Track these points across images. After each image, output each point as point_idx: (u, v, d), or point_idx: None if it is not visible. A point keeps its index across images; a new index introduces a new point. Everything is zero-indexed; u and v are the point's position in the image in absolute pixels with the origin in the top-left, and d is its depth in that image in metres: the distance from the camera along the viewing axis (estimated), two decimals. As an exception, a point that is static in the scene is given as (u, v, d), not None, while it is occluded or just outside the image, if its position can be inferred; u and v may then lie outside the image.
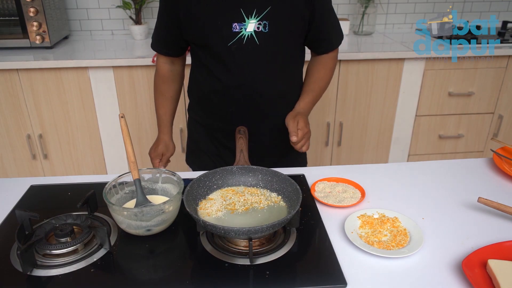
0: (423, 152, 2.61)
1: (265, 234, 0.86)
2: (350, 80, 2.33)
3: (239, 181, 1.04)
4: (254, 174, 1.04)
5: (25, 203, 1.07)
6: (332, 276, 0.81)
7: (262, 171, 1.03)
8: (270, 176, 1.02)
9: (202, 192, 1.00)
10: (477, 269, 0.80)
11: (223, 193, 1.01)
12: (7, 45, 2.26)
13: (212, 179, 1.02)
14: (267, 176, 1.03)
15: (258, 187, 1.03)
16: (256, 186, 1.04)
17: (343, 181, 1.12)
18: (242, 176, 1.04)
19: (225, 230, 0.82)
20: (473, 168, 1.24)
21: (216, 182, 1.03)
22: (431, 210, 1.03)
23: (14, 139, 2.26)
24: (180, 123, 2.28)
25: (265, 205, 0.97)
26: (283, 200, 0.99)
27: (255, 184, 1.04)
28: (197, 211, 0.95)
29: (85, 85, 2.17)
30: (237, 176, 1.04)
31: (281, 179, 1.00)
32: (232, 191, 1.02)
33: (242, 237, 0.85)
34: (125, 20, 2.67)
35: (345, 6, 2.76)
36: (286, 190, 0.99)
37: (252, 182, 1.04)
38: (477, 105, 2.51)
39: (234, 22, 1.14)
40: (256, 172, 1.04)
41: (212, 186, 1.02)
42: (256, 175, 1.04)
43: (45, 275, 0.82)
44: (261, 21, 1.14)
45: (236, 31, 1.15)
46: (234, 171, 1.04)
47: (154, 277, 0.83)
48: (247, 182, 1.04)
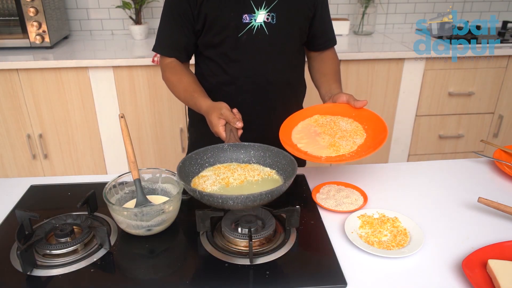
0: (423, 152, 2.61)
1: (263, 202, 0.84)
2: (350, 80, 2.33)
3: (231, 158, 1.03)
4: (246, 151, 1.03)
5: (25, 203, 1.07)
6: (332, 276, 0.81)
7: (254, 147, 1.02)
8: (263, 152, 1.02)
9: (194, 169, 0.99)
10: (477, 269, 0.80)
11: (216, 170, 1.00)
12: (7, 45, 2.26)
13: (203, 157, 1.01)
14: (259, 152, 1.02)
15: (251, 163, 1.03)
16: (249, 162, 1.03)
17: (351, 186, 1.12)
18: (234, 153, 1.03)
19: (222, 199, 0.80)
20: (473, 168, 1.24)
21: (208, 160, 1.01)
22: (431, 210, 1.03)
23: (14, 139, 2.26)
24: (180, 123, 2.28)
25: (259, 178, 0.97)
26: (277, 173, 0.99)
27: (248, 160, 1.03)
28: None
29: (85, 85, 2.17)
30: (228, 153, 1.03)
31: (274, 153, 1.00)
32: (224, 168, 1.01)
33: (240, 205, 0.83)
34: (125, 20, 2.67)
35: (345, 6, 2.76)
36: (280, 163, 0.98)
37: (244, 159, 1.03)
38: (477, 105, 2.51)
39: (245, 14, 1.18)
40: (248, 149, 1.03)
41: (203, 164, 1.01)
42: (248, 151, 1.03)
43: (45, 275, 0.82)
44: (270, 13, 1.19)
45: (247, 22, 1.19)
46: (225, 148, 1.03)
47: (154, 277, 0.83)
48: (239, 159, 1.03)
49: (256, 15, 1.18)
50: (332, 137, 1.08)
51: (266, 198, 0.83)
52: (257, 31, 1.20)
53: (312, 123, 1.15)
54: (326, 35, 1.35)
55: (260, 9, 1.18)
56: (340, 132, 1.09)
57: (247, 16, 1.18)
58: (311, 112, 1.19)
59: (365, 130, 1.10)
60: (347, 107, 1.15)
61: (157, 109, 2.26)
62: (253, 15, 1.18)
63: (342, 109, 1.16)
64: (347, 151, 1.03)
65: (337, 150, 1.03)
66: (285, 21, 1.21)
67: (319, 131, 1.11)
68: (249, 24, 1.19)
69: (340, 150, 1.03)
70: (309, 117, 1.18)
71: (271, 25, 1.20)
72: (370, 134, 1.08)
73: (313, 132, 1.12)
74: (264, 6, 1.18)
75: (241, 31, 1.19)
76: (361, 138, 1.07)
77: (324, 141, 1.07)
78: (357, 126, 1.11)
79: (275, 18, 1.19)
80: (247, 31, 1.19)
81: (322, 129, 1.12)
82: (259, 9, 1.18)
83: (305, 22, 1.26)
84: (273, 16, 1.19)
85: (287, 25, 1.22)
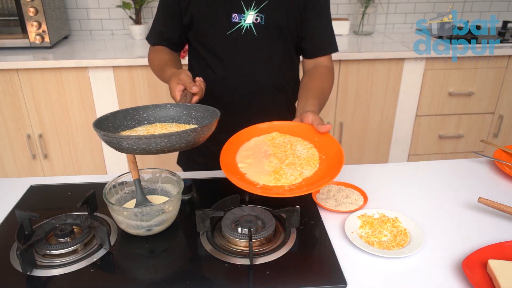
0: (423, 152, 2.61)
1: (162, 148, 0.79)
2: (350, 80, 2.33)
3: (173, 118, 1.00)
4: (188, 112, 0.99)
5: (25, 203, 1.07)
6: (332, 276, 0.81)
7: (195, 107, 0.99)
8: (202, 112, 0.98)
9: (129, 124, 0.97)
10: (477, 269, 0.80)
11: (151, 127, 0.97)
12: (7, 45, 2.26)
13: (143, 114, 0.98)
14: (199, 113, 0.98)
15: (190, 124, 0.99)
16: (189, 123, 0.99)
17: (351, 186, 1.11)
18: (176, 113, 1.00)
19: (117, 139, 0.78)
20: (473, 168, 1.23)
21: (148, 118, 0.99)
22: (431, 210, 1.03)
23: (14, 139, 2.26)
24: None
25: None
26: None
27: (188, 121, 0.99)
28: None
29: (85, 85, 2.17)
30: (171, 113, 1.00)
31: (211, 113, 0.95)
32: (161, 126, 0.97)
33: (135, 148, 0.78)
34: (125, 20, 2.67)
35: (345, 6, 2.76)
36: (213, 117, 0.94)
37: (185, 120, 0.99)
38: (477, 105, 2.51)
39: (234, 13, 1.18)
40: (190, 110, 0.99)
41: (142, 121, 0.98)
42: (190, 112, 0.99)
43: (45, 275, 0.82)
44: (259, 13, 1.18)
45: (236, 21, 1.18)
46: (168, 108, 1.00)
47: (154, 277, 0.83)
48: (180, 119, 0.99)
49: (245, 15, 1.18)
50: (281, 162, 0.96)
51: (162, 142, 0.77)
52: (246, 31, 1.19)
53: (267, 141, 1.03)
54: (316, 41, 1.28)
55: (250, 9, 1.17)
56: (292, 158, 0.97)
57: (237, 16, 1.18)
58: (271, 128, 1.06)
59: (321, 160, 0.96)
60: (311, 130, 1.02)
61: (157, 109, 2.26)
62: (242, 15, 1.18)
63: (305, 130, 1.03)
64: (288, 182, 0.90)
65: (278, 179, 0.91)
66: (273, 22, 1.19)
67: (270, 152, 0.99)
68: (238, 23, 1.18)
69: (281, 180, 0.91)
70: (267, 133, 1.06)
71: (260, 26, 1.19)
72: (324, 167, 0.94)
73: (264, 152, 1.00)
74: (254, 7, 1.17)
75: (230, 29, 1.19)
76: (311, 170, 0.93)
77: (270, 166, 0.95)
78: (313, 154, 0.98)
79: (263, 19, 1.18)
80: (236, 30, 1.19)
81: (274, 150, 1.00)
82: (249, 10, 1.17)
83: (295, 24, 1.23)
84: (262, 17, 1.18)
85: (276, 27, 1.20)
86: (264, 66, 1.25)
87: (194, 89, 1.03)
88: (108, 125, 0.91)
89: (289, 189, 0.88)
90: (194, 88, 1.03)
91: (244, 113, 1.27)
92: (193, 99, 1.05)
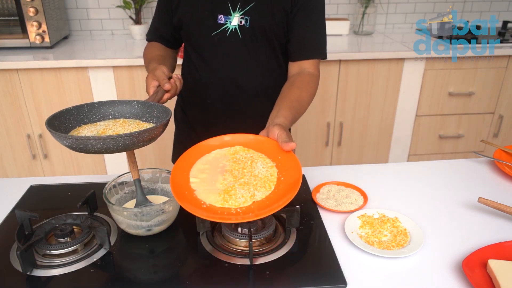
0: (423, 152, 2.61)
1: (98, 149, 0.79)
2: (350, 80, 2.33)
3: (136, 115, 0.99)
4: (151, 110, 0.98)
5: (25, 203, 1.07)
6: (332, 276, 0.81)
7: (158, 107, 0.97)
8: (162, 112, 0.96)
9: (93, 118, 0.97)
10: (478, 269, 0.80)
11: (112, 123, 0.96)
12: (7, 45, 2.26)
13: (108, 109, 0.99)
14: (160, 113, 0.97)
15: (151, 122, 0.97)
16: (150, 122, 0.97)
17: (351, 186, 1.11)
18: (141, 111, 0.99)
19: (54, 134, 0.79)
20: (473, 168, 1.24)
21: (113, 113, 0.99)
22: (431, 210, 1.03)
23: (14, 139, 2.26)
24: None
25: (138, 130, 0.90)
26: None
27: (149, 120, 0.98)
28: (72, 129, 0.93)
29: (85, 85, 2.17)
30: (135, 110, 0.99)
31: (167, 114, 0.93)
32: (123, 122, 0.97)
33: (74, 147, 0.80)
34: (125, 20, 2.67)
35: (345, 6, 2.76)
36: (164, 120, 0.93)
37: (147, 118, 0.98)
38: (477, 105, 2.51)
39: (220, 14, 1.17)
40: (153, 109, 0.98)
41: (107, 115, 0.99)
42: (152, 111, 0.98)
43: (45, 275, 0.82)
44: (244, 16, 1.17)
45: (221, 23, 1.18)
46: (134, 105, 1.00)
47: (154, 277, 0.83)
48: (143, 117, 0.99)
49: (232, 17, 1.17)
50: (235, 181, 0.89)
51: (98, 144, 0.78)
52: (231, 33, 1.18)
53: (228, 155, 0.97)
54: (300, 44, 1.23)
55: (236, 11, 1.16)
56: (248, 177, 0.90)
57: (223, 17, 1.17)
58: (236, 141, 1.00)
59: (278, 182, 0.89)
60: (276, 146, 0.94)
61: (157, 109, 2.26)
62: (229, 17, 1.17)
63: (270, 147, 0.95)
64: (236, 205, 0.84)
65: (226, 200, 0.85)
66: (258, 25, 1.18)
67: (227, 168, 0.93)
68: (224, 25, 1.18)
69: (229, 201, 0.85)
70: (231, 146, 0.99)
71: (245, 28, 1.18)
72: (279, 190, 0.87)
73: (221, 167, 0.94)
74: (239, 9, 1.16)
75: (215, 30, 1.19)
76: (264, 193, 0.86)
77: (223, 183, 0.89)
78: (271, 175, 0.90)
79: (249, 22, 1.17)
80: (221, 31, 1.18)
81: (232, 166, 0.93)
82: (235, 11, 1.16)
83: (281, 27, 1.19)
84: (247, 19, 1.17)
85: (261, 30, 1.19)
86: (247, 69, 1.24)
87: (167, 86, 1.03)
88: (70, 118, 0.93)
89: (235, 213, 0.82)
90: (166, 85, 1.03)
91: (226, 115, 1.27)
92: (165, 96, 1.04)
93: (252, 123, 1.15)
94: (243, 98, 1.27)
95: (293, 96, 1.15)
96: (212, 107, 1.28)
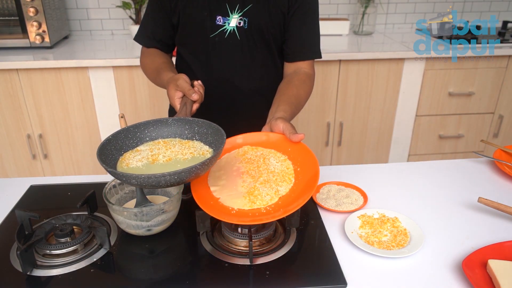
0: (423, 152, 2.61)
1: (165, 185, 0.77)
2: (350, 80, 2.32)
3: (175, 133, 0.96)
4: (190, 127, 0.95)
5: (25, 203, 1.07)
6: (332, 276, 0.81)
7: (198, 123, 0.95)
8: (205, 128, 0.93)
9: (131, 143, 0.93)
10: (478, 269, 0.80)
11: (154, 145, 0.93)
12: (7, 45, 2.26)
13: (144, 131, 0.95)
14: (202, 129, 0.94)
15: (194, 139, 0.95)
16: (192, 139, 0.95)
17: (351, 186, 1.11)
18: (179, 128, 0.96)
19: (120, 175, 0.77)
20: (473, 168, 1.23)
21: (149, 134, 0.95)
22: (431, 210, 1.03)
23: (14, 139, 2.26)
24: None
25: (190, 157, 0.88)
26: (214, 153, 0.88)
27: (191, 137, 0.95)
28: (117, 161, 0.89)
29: (85, 85, 2.17)
30: (172, 128, 0.96)
31: (215, 131, 0.91)
32: (164, 143, 0.93)
33: (145, 185, 0.78)
34: (125, 20, 2.67)
35: (345, 6, 2.76)
36: (218, 141, 0.89)
37: (188, 135, 0.96)
38: (477, 105, 2.51)
39: (219, 15, 1.17)
40: (192, 124, 0.95)
41: (144, 138, 0.95)
42: (193, 127, 0.95)
43: (45, 275, 0.82)
44: (242, 17, 1.17)
45: (220, 24, 1.18)
46: (169, 123, 0.96)
47: (154, 277, 0.83)
48: (183, 134, 0.96)
49: (230, 18, 1.17)
50: (255, 181, 0.89)
51: (172, 179, 0.75)
52: (229, 35, 1.18)
53: (239, 157, 0.97)
54: (296, 45, 1.24)
55: (234, 12, 1.16)
56: (266, 174, 0.90)
57: (221, 18, 1.17)
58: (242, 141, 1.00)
59: (296, 174, 0.90)
60: (283, 139, 0.96)
61: (157, 109, 2.26)
62: (227, 18, 1.17)
63: (277, 141, 0.96)
64: (264, 203, 0.84)
65: (253, 202, 0.84)
66: (256, 26, 1.18)
67: (242, 169, 0.93)
68: (222, 26, 1.17)
69: (257, 201, 0.85)
70: (238, 147, 0.99)
71: (243, 30, 1.18)
72: (299, 181, 0.88)
73: (236, 169, 0.93)
74: (237, 10, 1.16)
75: (213, 32, 1.18)
76: (286, 186, 0.87)
77: (244, 186, 0.89)
78: (287, 168, 0.92)
79: (247, 23, 1.17)
80: (219, 33, 1.18)
81: (246, 167, 0.93)
82: (233, 13, 1.16)
83: (278, 29, 1.20)
84: (245, 21, 1.17)
85: (259, 31, 1.19)
86: (245, 70, 1.24)
87: (194, 96, 1.00)
88: (111, 149, 0.89)
89: (266, 212, 0.83)
90: (194, 95, 1.00)
91: (222, 115, 1.25)
92: (194, 106, 1.02)
93: (248, 123, 1.15)
94: (239, 98, 1.27)
95: (291, 93, 1.16)
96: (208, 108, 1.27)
